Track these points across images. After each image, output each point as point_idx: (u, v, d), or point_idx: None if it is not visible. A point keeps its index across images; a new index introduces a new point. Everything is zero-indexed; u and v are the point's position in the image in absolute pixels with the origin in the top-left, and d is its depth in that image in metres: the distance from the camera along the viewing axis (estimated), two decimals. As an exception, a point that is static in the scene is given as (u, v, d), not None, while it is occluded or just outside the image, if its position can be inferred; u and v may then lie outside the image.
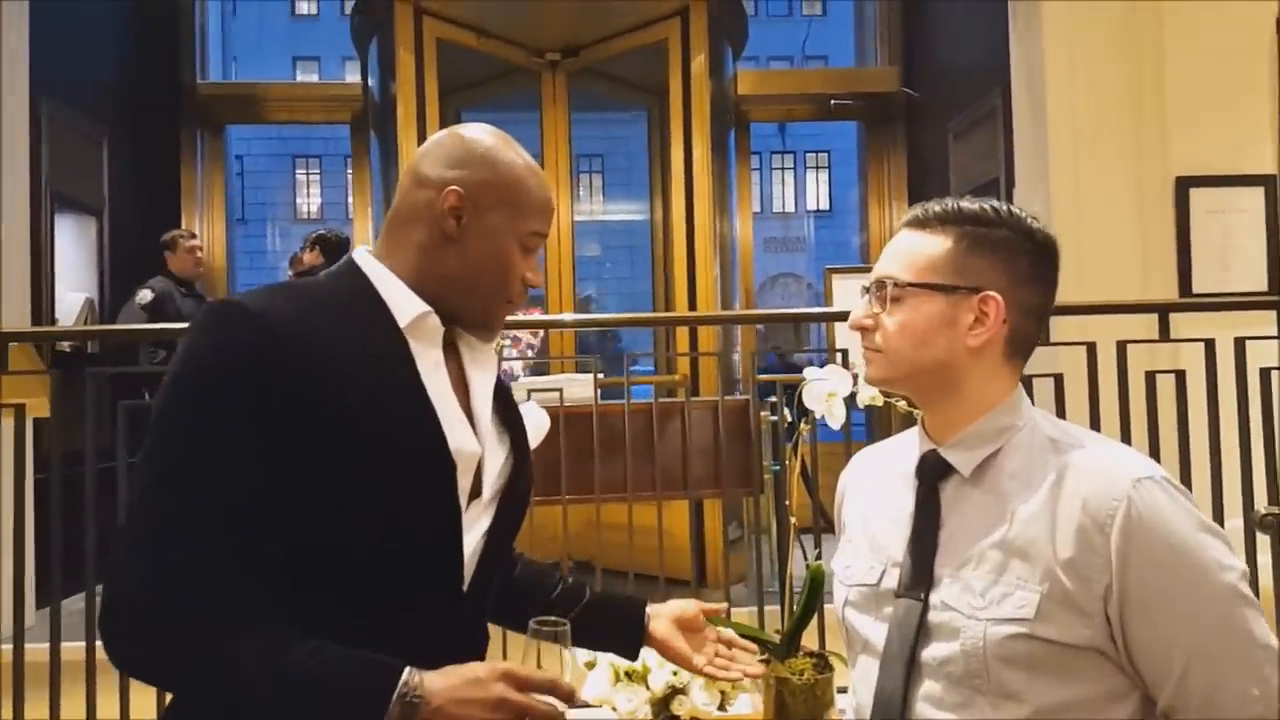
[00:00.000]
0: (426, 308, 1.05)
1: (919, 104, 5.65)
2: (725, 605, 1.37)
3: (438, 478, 1.00)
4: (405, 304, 1.04)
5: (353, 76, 5.39)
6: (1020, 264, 1.06)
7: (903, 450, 1.17)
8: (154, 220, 4.97)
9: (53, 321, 4.20)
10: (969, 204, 1.08)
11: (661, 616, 1.29)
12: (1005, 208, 1.08)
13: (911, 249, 1.09)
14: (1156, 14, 3.64)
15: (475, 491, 1.06)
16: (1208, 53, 3.59)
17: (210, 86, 5.94)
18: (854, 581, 1.14)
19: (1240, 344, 2.33)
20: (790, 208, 20.61)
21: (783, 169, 20.40)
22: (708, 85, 4.28)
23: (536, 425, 1.24)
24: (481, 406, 1.09)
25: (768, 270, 18.97)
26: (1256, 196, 3.67)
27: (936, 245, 1.07)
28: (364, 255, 1.09)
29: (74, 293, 4.49)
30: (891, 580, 1.08)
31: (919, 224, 1.10)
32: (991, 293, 1.05)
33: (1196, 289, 3.62)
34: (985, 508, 1.04)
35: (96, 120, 4.61)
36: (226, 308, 0.96)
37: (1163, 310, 2.42)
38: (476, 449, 1.05)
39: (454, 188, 1.05)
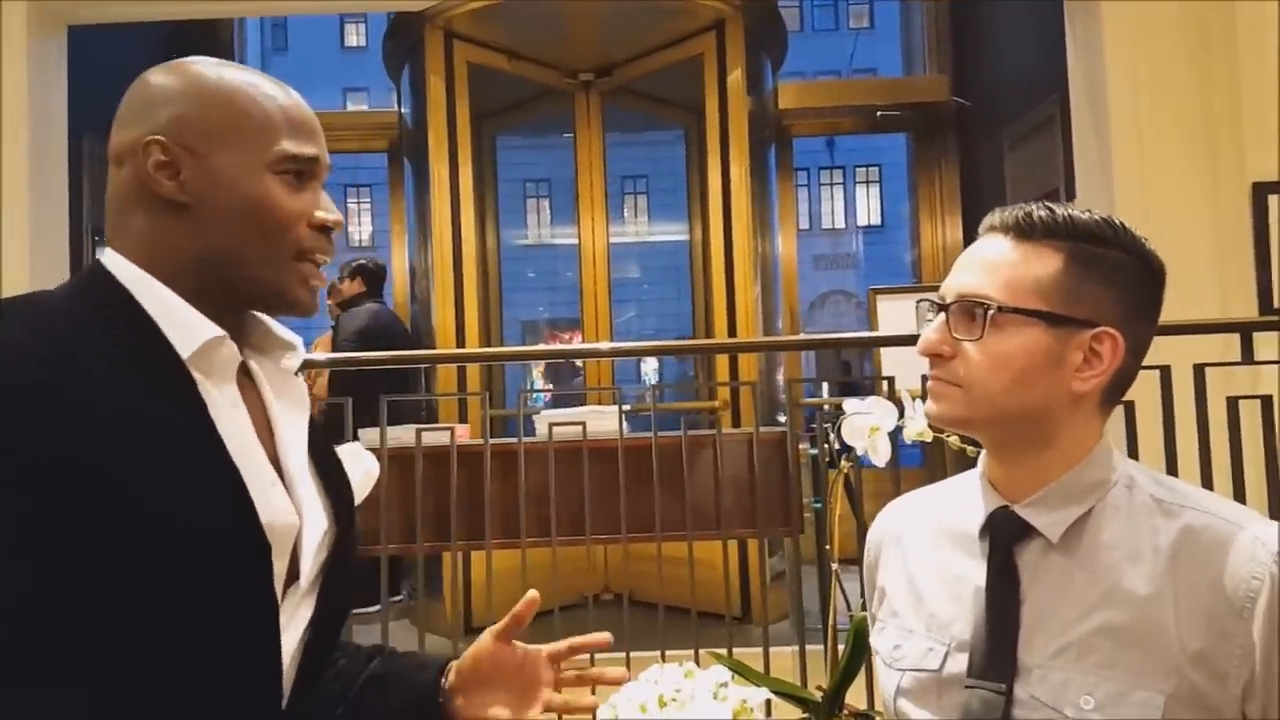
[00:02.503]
0: (219, 331, 0.79)
1: (971, 114, 5.42)
2: (604, 638, 1.01)
3: (245, 565, 0.75)
4: (186, 327, 0.78)
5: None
6: (1135, 295, 0.90)
7: (950, 502, 1.00)
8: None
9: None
10: (1082, 215, 0.90)
11: (464, 672, 0.96)
12: (1119, 223, 0.90)
13: (1011, 263, 0.90)
14: (1229, 10, 3.40)
15: (292, 575, 0.81)
16: (1285, 49, 3.33)
17: (250, 117, 5.95)
18: (908, 666, 0.96)
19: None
20: (840, 224, 20.35)
21: (831, 184, 20.19)
22: (745, 100, 4.13)
23: (364, 473, 1.00)
24: (294, 459, 0.84)
25: (818, 288, 18.74)
26: (1342, 201, 3.39)
27: (1045, 263, 0.89)
28: (116, 259, 0.81)
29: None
30: (957, 665, 0.91)
31: (1021, 234, 0.90)
32: (1109, 329, 0.88)
33: (1279, 304, 3.35)
34: (1080, 583, 0.87)
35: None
36: None
37: (1245, 329, 2.25)
38: (293, 520, 0.81)
39: (151, 138, 0.80)
